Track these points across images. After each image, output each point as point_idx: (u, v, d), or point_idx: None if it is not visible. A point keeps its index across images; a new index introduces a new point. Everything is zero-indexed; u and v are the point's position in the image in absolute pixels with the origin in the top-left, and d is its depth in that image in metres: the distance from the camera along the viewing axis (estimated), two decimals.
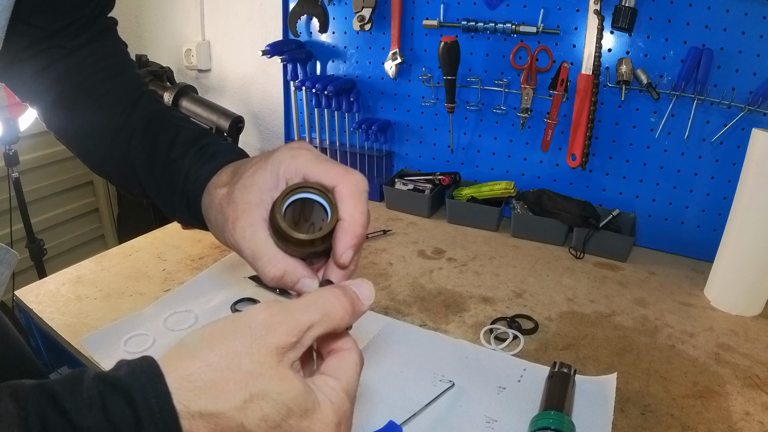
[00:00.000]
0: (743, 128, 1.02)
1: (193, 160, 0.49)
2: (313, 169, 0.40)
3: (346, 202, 0.39)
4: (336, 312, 0.35)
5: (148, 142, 0.52)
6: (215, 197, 0.44)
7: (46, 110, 0.58)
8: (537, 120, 1.21)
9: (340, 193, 0.39)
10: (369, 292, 0.38)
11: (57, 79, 0.56)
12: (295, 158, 0.41)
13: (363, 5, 1.25)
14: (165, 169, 0.50)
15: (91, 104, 0.56)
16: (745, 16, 0.97)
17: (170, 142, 0.51)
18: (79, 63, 0.56)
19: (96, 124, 0.55)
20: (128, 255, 1.08)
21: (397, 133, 1.39)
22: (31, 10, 0.52)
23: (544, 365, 0.76)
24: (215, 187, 0.45)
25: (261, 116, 1.62)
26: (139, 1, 1.73)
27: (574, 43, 1.13)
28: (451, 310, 0.92)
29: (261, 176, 0.41)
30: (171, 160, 0.50)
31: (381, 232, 1.20)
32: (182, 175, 0.49)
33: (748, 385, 0.75)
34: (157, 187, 0.52)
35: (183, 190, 0.49)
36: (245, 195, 0.41)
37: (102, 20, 0.59)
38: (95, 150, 0.57)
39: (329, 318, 0.35)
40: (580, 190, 1.22)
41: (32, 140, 1.75)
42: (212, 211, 0.44)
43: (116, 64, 0.59)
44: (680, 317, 0.92)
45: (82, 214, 2.06)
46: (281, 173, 0.41)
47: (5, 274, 0.55)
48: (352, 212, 0.39)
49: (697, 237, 1.13)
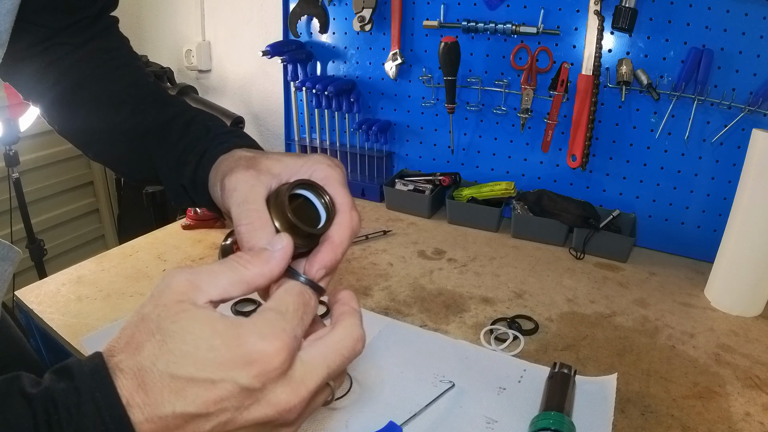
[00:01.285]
0: (743, 129, 1.02)
1: (220, 131, 0.51)
2: (336, 187, 0.42)
3: (341, 232, 0.40)
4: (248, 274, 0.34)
5: (164, 120, 0.53)
6: (237, 155, 0.44)
7: (50, 105, 0.58)
8: (537, 120, 1.21)
9: (339, 221, 0.41)
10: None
11: (61, 73, 0.57)
12: (332, 169, 0.42)
13: (363, 6, 1.25)
14: (182, 136, 0.51)
15: (97, 96, 0.56)
16: (746, 17, 0.97)
17: (190, 118, 0.53)
18: (84, 57, 0.57)
19: (102, 116, 0.56)
20: (128, 255, 1.08)
21: (397, 134, 1.39)
22: (35, 10, 0.52)
23: (545, 366, 0.76)
24: (242, 151, 0.46)
25: (261, 117, 1.62)
26: (139, 2, 1.73)
27: (574, 44, 1.13)
28: (451, 311, 0.92)
29: (289, 159, 0.43)
30: (192, 130, 0.51)
31: (381, 233, 1.20)
32: (206, 138, 0.50)
33: (748, 386, 0.75)
34: (167, 155, 0.52)
35: (201, 148, 0.49)
36: (267, 162, 0.42)
37: (105, 18, 0.61)
38: (99, 138, 0.58)
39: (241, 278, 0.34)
40: (581, 191, 1.22)
41: (32, 140, 1.76)
42: (227, 162, 0.44)
43: (120, 56, 0.60)
44: (680, 318, 0.92)
45: (83, 214, 2.06)
46: (308, 173, 0.42)
47: (8, 271, 0.55)
48: (341, 200, 0.41)
49: (697, 237, 1.13)
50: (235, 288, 0.33)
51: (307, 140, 1.48)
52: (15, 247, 0.55)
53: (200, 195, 0.48)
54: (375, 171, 1.41)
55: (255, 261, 0.34)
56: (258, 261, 0.35)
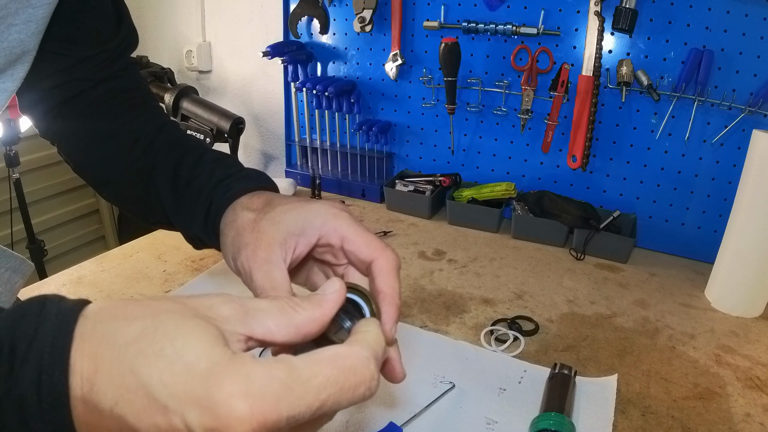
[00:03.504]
0: (744, 129, 1.02)
1: (224, 175, 0.50)
2: (355, 237, 0.40)
3: (387, 276, 0.39)
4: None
5: (173, 160, 0.53)
6: (240, 218, 0.44)
7: (67, 141, 0.59)
8: (537, 121, 1.21)
9: (380, 267, 0.39)
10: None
11: (80, 110, 0.57)
12: (336, 218, 0.41)
13: (364, 7, 1.25)
14: (189, 184, 0.51)
15: (113, 134, 0.57)
16: (746, 18, 0.97)
17: (198, 158, 0.52)
18: (103, 95, 0.58)
19: (117, 154, 0.56)
20: (129, 256, 1.08)
21: (397, 135, 1.39)
22: (58, 39, 0.53)
23: (545, 366, 0.76)
24: (244, 207, 0.45)
25: (262, 117, 1.62)
26: (139, 2, 1.73)
27: (574, 45, 1.13)
28: (451, 312, 0.92)
29: (292, 218, 0.41)
30: (196, 174, 0.51)
31: (381, 234, 1.20)
32: (209, 187, 0.49)
33: (748, 387, 0.75)
34: (176, 202, 0.52)
35: (207, 199, 0.48)
36: (272, 229, 0.41)
37: (125, 58, 0.61)
38: (113, 178, 0.58)
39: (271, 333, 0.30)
40: (581, 192, 1.22)
41: (33, 141, 1.76)
42: (231, 230, 0.44)
43: (138, 96, 0.61)
44: (681, 318, 0.92)
45: (83, 215, 2.06)
46: (318, 227, 0.41)
47: (18, 283, 0.55)
48: (393, 285, 0.39)
49: (697, 238, 1.13)
50: (281, 331, 0.30)
51: (307, 141, 1.48)
52: (28, 261, 0.56)
53: (215, 244, 0.48)
54: (375, 172, 1.41)
55: (305, 304, 0.31)
56: (308, 304, 0.31)
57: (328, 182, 1.43)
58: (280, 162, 1.64)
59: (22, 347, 0.25)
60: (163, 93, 1.32)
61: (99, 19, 0.57)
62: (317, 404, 0.26)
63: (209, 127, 1.30)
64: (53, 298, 0.28)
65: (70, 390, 0.25)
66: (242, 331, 0.28)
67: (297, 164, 1.54)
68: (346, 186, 1.42)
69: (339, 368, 0.27)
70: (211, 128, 1.30)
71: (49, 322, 0.26)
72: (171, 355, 0.25)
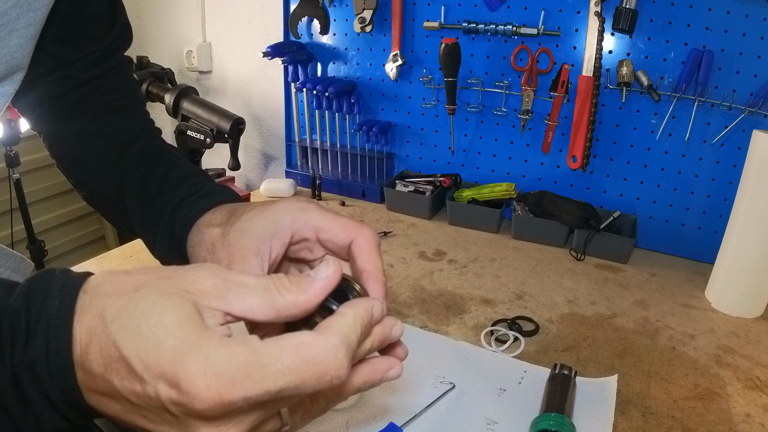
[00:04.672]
0: (744, 130, 1.02)
1: (186, 194, 0.48)
2: (328, 223, 0.40)
3: (367, 254, 0.39)
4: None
5: (142, 173, 0.52)
6: (207, 236, 0.43)
7: (51, 138, 0.59)
8: (538, 122, 1.21)
9: (359, 246, 0.39)
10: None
11: (64, 109, 0.57)
12: (305, 211, 0.40)
13: (364, 7, 1.25)
14: (153, 200, 0.50)
15: (93, 135, 0.57)
16: (746, 18, 0.97)
17: (164, 174, 0.51)
18: (88, 95, 0.57)
19: (94, 156, 0.56)
20: (129, 256, 1.08)
21: (397, 135, 1.39)
22: (50, 40, 0.53)
23: (545, 367, 0.76)
24: (207, 225, 0.44)
25: (262, 118, 1.62)
26: (140, 3, 1.73)
27: (574, 45, 1.13)
28: (451, 312, 0.92)
29: (260, 223, 0.40)
30: (162, 191, 0.50)
31: (381, 234, 1.20)
32: (171, 207, 0.48)
33: (749, 387, 0.75)
34: (142, 218, 0.51)
35: (169, 221, 0.48)
36: (242, 240, 0.40)
37: (117, 57, 0.61)
38: (90, 180, 0.58)
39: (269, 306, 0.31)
40: (581, 192, 1.22)
41: (33, 141, 1.75)
42: (202, 250, 0.43)
43: (123, 98, 0.60)
44: (681, 319, 0.92)
45: (83, 215, 2.06)
46: (288, 224, 0.40)
47: None
48: (375, 262, 0.39)
49: (697, 239, 1.13)
50: (261, 311, 0.30)
51: (307, 141, 1.48)
52: (27, 260, 0.56)
53: (173, 256, 0.48)
54: (375, 172, 1.41)
55: (291, 287, 0.31)
56: (295, 288, 0.31)
57: (329, 183, 1.43)
58: (280, 162, 1.64)
59: (33, 320, 0.28)
60: (164, 93, 1.31)
61: (92, 17, 0.57)
62: (275, 389, 0.27)
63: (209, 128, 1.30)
64: (59, 272, 0.31)
65: (73, 356, 0.28)
66: (219, 307, 0.30)
67: (297, 165, 1.54)
68: (347, 186, 1.42)
69: (301, 357, 0.28)
70: (212, 128, 1.30)
71: (54, 297, 0.29)
72: (145, 332, 0.27)
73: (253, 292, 0.30)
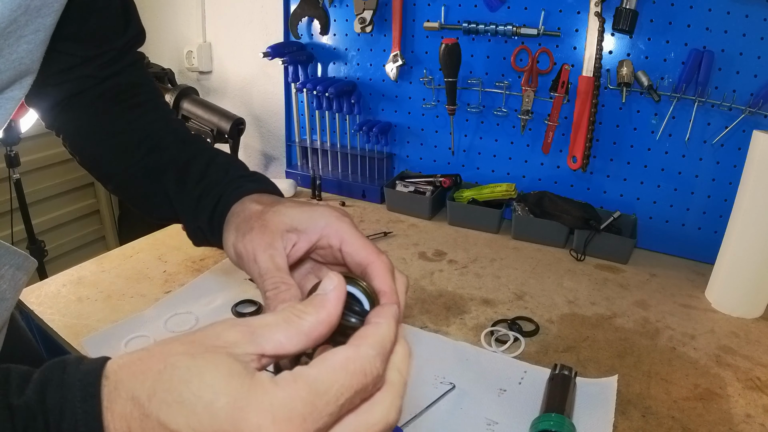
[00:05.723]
0: (744, 130, 1.02)
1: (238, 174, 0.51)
2: (354, 239, 0.41)
3: (384, 276, 0.39)
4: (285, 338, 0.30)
5: (185, 158, 0.54)
6: (248, 208, 0.46)
7: (72, 137, 0.60)
8: (538, 122, 1.21)
9: (376, 268, 0.40)
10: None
11: (84, 106, 0.58)
12: (340, 221, 0.42)
13: (364, 7, 1.25)
14: (202, 178, 0.52)
15: (118, 131, 0.58)
16: (746, 18, 0.97)
17: (210, 159, 0.54)
18: (107, 92, 0.58)
19: (122, 150, 0.57)
20: (129, 256, 1.08)
21: (398, 135, 1.39)
22: (62, 39, 0.53)
23: (545, 367, 0.76)
24: (252, 201, 0.47)
25: (262, 118, 1.62)
26: (140, 3, 1.72)
27: (575, 45, 1.13)
28: (451, 312, 0.92)
29: (298, 215, 0.43)
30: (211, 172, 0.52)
31: (382, 234, 1.20)
32: (223, 183, 0.50)
33: (749, 388, 0.75)
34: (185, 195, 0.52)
35: (218, 193, 0.50)
36: (276, 220, 0.43)
37: (131, 53, 0.62)
38: (117, 174, 0.58)
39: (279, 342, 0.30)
40: (581, 192, 1.22)
41: (33, 141, 1.76)
42: (238, 218, 0.46)
43: (143, 93, 0.61)
44: (681, 319, 0.92)
45: (83, 215, 2.06)
46: (321, 226, 0.42)
47: (23, 280, 0.55)
48: (391, 285, 0.39)
49: (698, 239, 1.13)
50: (291, 342, 0.29)
51: (307, 141, 1.48)
52: (31, 257, 0.56)
53: (217, 240, 0.49)
54: (375, 172, 1.41)
55: (308, 309, 0.30)
56: (311, 308, 0.30)
57: (329, 183, 1.43)
58: (280, 162, 1.64)
59: (54, 418, 0.26)
60: (164, 93, 1.32)
61: (106, 19, 0.58)
62: (337, 410, 0.27)
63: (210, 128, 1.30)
64: (72, 361, 0.28)
65: None
66: (253, 351, 0.28)
67: (297, 165, 1.54)
68: (347, 187, 1.42)
69: (351, 373, 0.28)
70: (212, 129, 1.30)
71: (75, 389, 0.27)
72: (191, 399, 0.25)
73: (276, 327, 0.29)
